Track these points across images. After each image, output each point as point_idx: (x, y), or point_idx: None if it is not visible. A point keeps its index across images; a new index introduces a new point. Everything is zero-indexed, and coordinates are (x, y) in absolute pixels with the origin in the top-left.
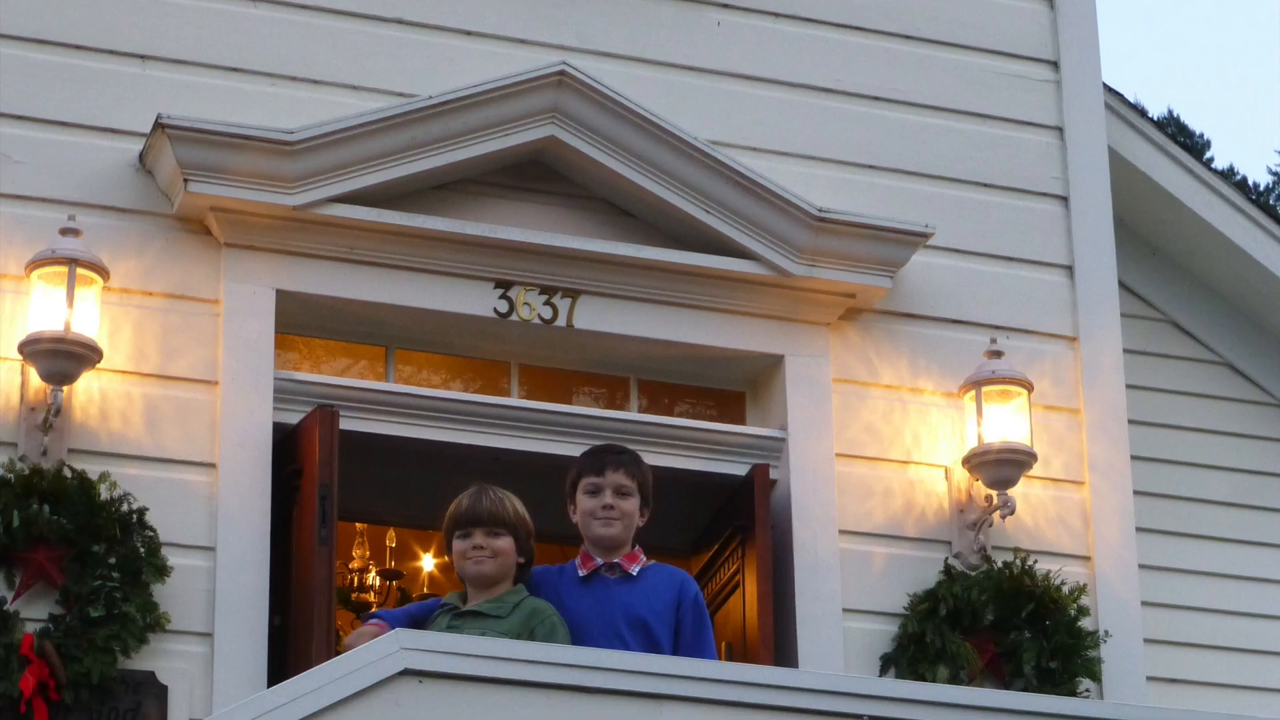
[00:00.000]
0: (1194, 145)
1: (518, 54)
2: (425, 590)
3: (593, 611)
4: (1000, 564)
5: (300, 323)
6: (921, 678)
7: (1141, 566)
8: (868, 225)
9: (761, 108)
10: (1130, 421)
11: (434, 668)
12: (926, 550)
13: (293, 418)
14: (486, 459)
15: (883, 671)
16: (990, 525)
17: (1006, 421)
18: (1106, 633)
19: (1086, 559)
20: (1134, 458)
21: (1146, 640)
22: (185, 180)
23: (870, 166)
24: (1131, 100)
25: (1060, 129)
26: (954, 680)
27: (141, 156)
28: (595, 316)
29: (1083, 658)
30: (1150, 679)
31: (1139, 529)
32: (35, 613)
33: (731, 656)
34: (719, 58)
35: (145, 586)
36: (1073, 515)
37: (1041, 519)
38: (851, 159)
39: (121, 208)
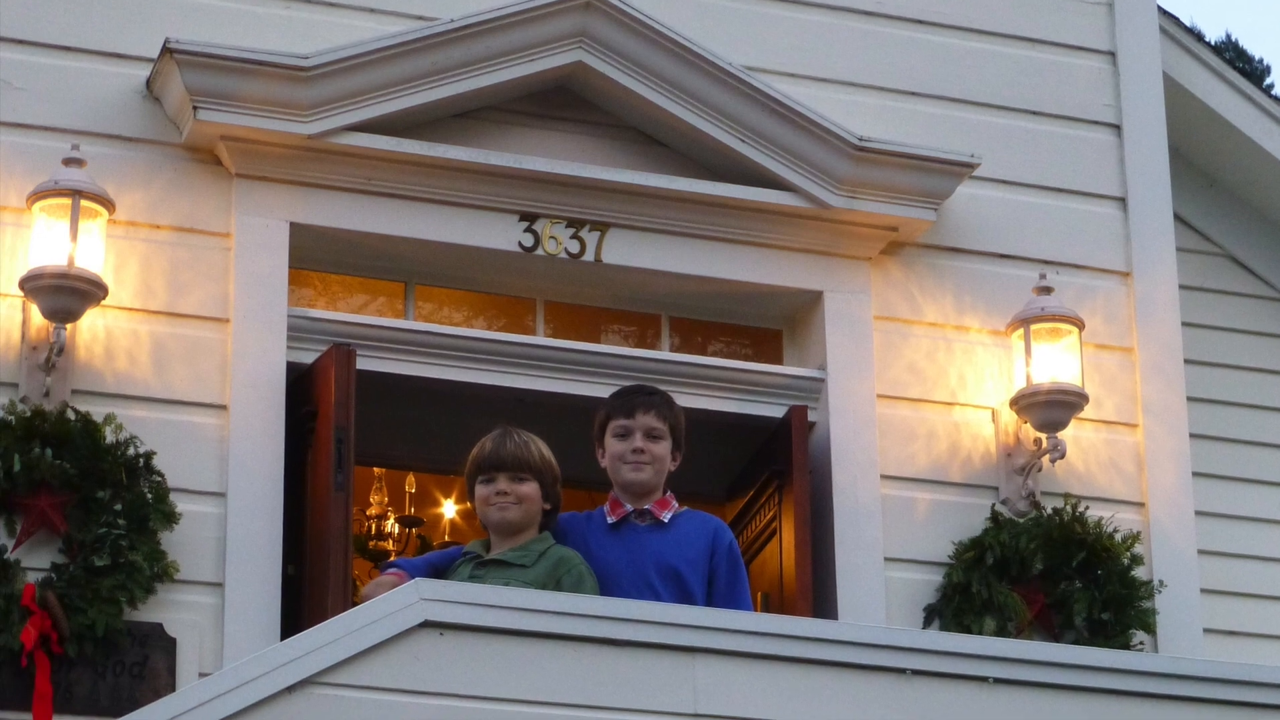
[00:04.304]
0: (1253, 71)
1: None
2: (446, 538)
3: (622, 560)
4: (1050, 510)
5: (315, 257)
6: (967, 630)
7: (1198, 513)
8: (911, 155)
9: (800, 32)
10: (1186, 361)
11: (455, 619)
12: (972, 496)
13: (307, 357)
14: (511, 400)
15: (926, 623)
16: (1039, 470)
17: (1056, 361)
18: (1161, 582)
19: (1140, 505)
20: (1190, 399)
21: (1203, 590)
22: (194, 108)
23: (914, 93)
24: (1187, 24)
25: (1113, 54)
26: (1001, 632)
27: (149, 83)
28: (625, 251)
29: (1136, 609)
30: (1207, 631)
31: (1195, 473)
32: (37, 562)
33: (768, 608)
34: None
35: (152, 534)
36: (1126, 459)
37: (1093, 463)
38: (894, 86)
39: (128, 137)
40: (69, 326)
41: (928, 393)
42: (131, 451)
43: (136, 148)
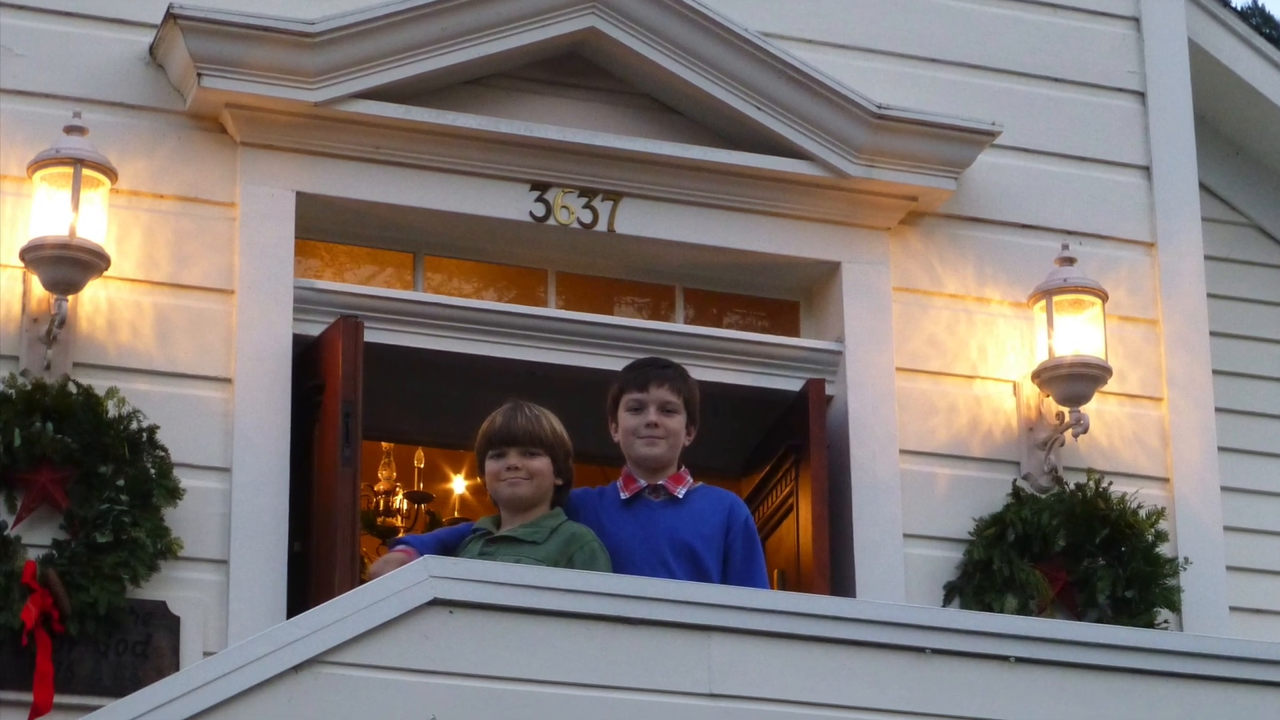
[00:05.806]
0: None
1: None
2: (456, 514)
3: (636, 537)
4: (1073, 486)
5: (322, 227)
6: (988, 608)
7: (1224, 489)
8: (930, 123)
9: None
10: (1212, 333)
11: (465, 597)
12: (993, 471)
13: (314, 329)
14: (522, 373)
15: (946, 601)
16: (1062, 445)
17: (1079, 333)
18: (1186, 560)
19: (1165, 481)
20: (1216, 372)
21: (1229, 568)
22: (199, 75)
23: (934, 60)
24: None
25: (1137, 19)
26: (1023, 610)
27: (152, 49)
28: (638, 220)
29: (1161, 586)
30: (1233, 609)
31: (1221, 448)
32: (38, 538)
33: (784, 585)
34: None
35: (156, 510)
36: (1150, 434)
37: (1117, 438)
38: (913, 52)
39: (131, 104)
40: (70, 298)
41: (948, 366)
42: (134, 426)
43: (139, 115)
